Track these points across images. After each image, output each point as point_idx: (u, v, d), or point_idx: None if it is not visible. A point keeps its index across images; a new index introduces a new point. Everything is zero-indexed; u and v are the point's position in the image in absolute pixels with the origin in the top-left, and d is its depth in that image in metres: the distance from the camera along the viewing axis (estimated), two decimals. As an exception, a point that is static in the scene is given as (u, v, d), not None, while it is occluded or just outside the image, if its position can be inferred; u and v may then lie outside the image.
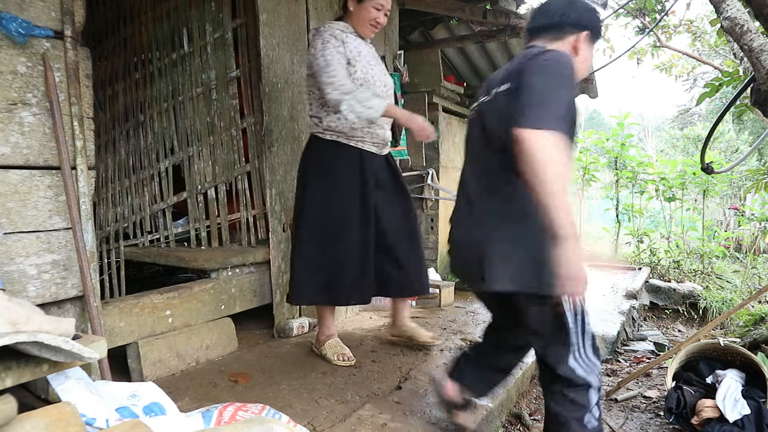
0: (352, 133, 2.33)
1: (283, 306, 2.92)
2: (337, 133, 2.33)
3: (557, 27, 1.51)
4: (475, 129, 1.58)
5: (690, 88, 12.24)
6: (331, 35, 2.24)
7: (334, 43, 2.22)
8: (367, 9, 2.29)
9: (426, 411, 1.98)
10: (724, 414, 1.94)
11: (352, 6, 2.31)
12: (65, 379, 1.32)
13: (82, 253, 1.73)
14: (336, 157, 2.34)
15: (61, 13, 1.71)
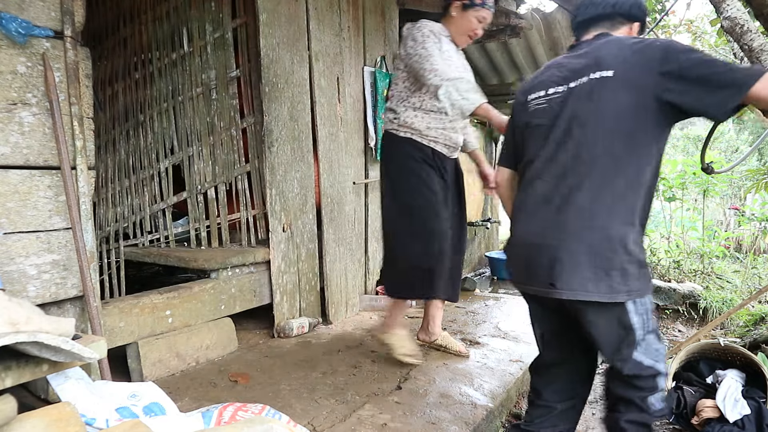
0: (427, 132, 2.32)
1: (283, 306, 2.92)
2: (411, 130, 2.32)
3: (609, 17, 1.51)
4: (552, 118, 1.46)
5: (690, 88, 12.21)
6: (431, 31, 2.26)
7: (434, 39, 2.23)
8: (470, 19, 2.30)
9: (426, 411, 1.98)
10: (724, 414, 1.94)
11: (455, 12, 2.32)
12: (65, 379, 1.32)
13: (82, 253, 1.73)
14: (410, 155, 2.33)
15: (61, 13, 1.71)
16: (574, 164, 1.37)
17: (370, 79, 3.59)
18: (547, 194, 1.42)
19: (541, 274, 1.39)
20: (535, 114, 1.52)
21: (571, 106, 1.41)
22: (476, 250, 5.54)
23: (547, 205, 1.41)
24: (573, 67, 1.46)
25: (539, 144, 1.49)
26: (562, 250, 1.34)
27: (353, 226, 3.49)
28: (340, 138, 3.32)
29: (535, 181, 1.48)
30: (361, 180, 3.58)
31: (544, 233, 1.40)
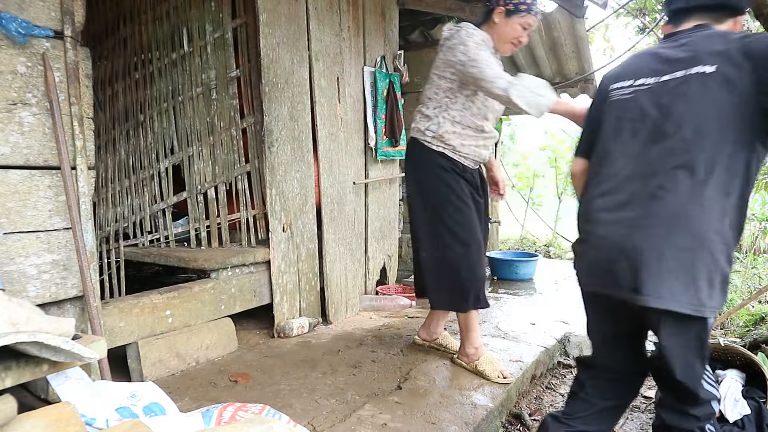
0: (460, 149, 2.26)
1: (283, 306, 2.92)
2: (445, 145, 2.27)
3: (715, 9, 1.39)
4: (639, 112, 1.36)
5: (690, 88, 12.23)
6: (482, 40, 2.16)
7: (485, 48, 2.15)
8: (514, 26, 2.18)
9: (426, 411, 1.98)
10: (724, 414, 1.94)
11: (497, 18, 2.19)
12: (65, 379, 1.32)
13: (82, 253, 1.73)
14: (442, 165, 2.27)
15: (60, 13, 1.71)
16: (665, 164, 1.28)
17: (370, 79, 3.59)
18: (634, 193, 1.32)
19: (624, 279, 1.29)
20: (618, 105, 1.42)
21: (662, 101, 1.31)
22: (476, 250, 5.53)
23: (633, 204, 1.31)
24: (668, 58, 1.34)
25: (622, 138, 1.39)
26: (650, 255, 1.25)
27: (353, 226, 3.49)
28: (340, 138, 3.32)
29: (616, 177, 1.37)
30: (361, 180, 3.58)
31: (631, 235, 1.30)
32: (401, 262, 4.51)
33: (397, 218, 4.20)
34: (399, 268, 4.24)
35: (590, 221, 1.44)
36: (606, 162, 1.43)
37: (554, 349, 2.87)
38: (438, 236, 2.29)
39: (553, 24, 4.40)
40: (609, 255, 1.34)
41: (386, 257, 3.95)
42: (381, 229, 3.85)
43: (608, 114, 1.45)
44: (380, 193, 3.83)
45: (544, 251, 6.55)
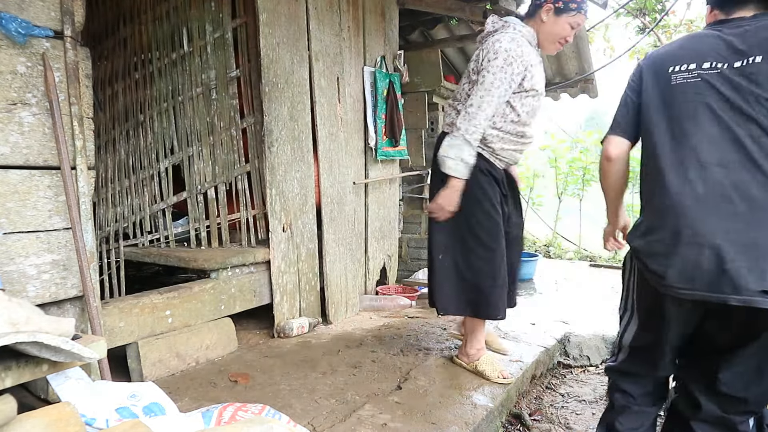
0: (499, 152, 2.21)
1: (283, 306, 2.92)
2: (485, 147, 2.18)
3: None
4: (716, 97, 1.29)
5: (690, 88, 12.23)
6: (520, 53, 2.05)
7: (516, 68, 2.05)
8: (563, 25, 2.10)
9: (426, 411, 1.98)
10: None
11: (545, 16, 2.10)
12: (65, 379, 1.32)
13: (81, 253, 1.73)
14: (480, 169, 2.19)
15: (60, 13, 1.71)
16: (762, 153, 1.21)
17: (370, 79, 3.59)
18: (737, 183, 1.22)
19: (747, 281, 1.17)
20: (685, 88, 1.34)
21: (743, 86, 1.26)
22: (476, 250, 5.53)
23: (740, 196, 1.21)
24: (737, 44, 1.29)
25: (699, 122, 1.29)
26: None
27: (353, 226, 3.49)
28: (340, 138, 3.32)
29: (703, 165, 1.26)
30: (361, 180, 3.58)
31: (747, 230, 1.19)
32: (401, 262, 4.51)
33: (397, 218, 4.20)
34: (399, 268, 4.24)
35: (679, 215, 1.28)
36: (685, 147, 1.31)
37: (554, 349, 2.88)
38: (462, 239, 2.23)
39: (553, 24, 4.39)
40: (724, 255, 1.20)
41: (386, 257, 3.95)
42: (381, 229, 3.85)
43: (672, 98, 1.36)
44: (380, 193, 3.83)
45: (544, 251, 6.56)
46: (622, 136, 1.47)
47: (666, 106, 1.37)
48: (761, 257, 1.17)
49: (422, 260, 4.62)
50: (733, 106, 1.26)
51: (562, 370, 2.87)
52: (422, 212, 4.61)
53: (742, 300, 1.18)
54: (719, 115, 1.27)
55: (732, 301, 1.19)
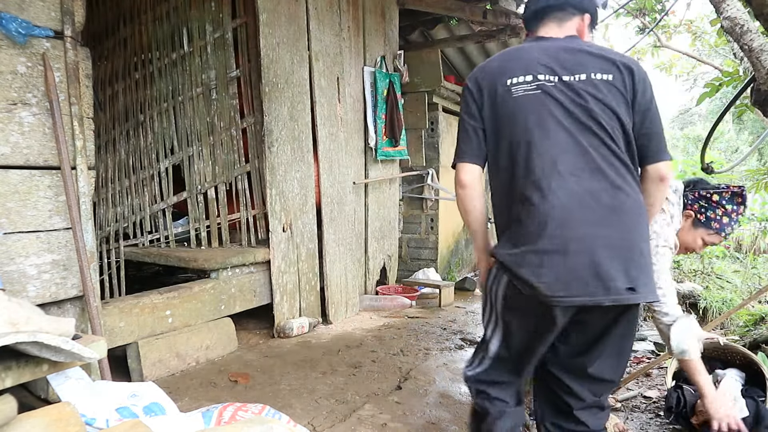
0: None
1: (283, 306, 2.92)
2: None
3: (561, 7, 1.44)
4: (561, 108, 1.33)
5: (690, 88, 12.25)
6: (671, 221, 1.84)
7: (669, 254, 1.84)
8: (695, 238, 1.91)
9: (426, 411, 1.98)
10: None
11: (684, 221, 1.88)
12: (65, 379, 1.32)
13: (82, 253, 1.73)
14: None
15: (61, 13, 1.71)
16: (604, 159, 1.29)
17: (370, 79, 3.59)
18: (591, 190, 1.27)
19: (617, 280, 1.22)
20: (526, 99, 1.36)
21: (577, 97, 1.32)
22: (476, 250, 5.53)
23: (597, 202, 1.27)
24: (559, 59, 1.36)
25: (545, 132, 1.32)
26: (629, 252, 1.26)
27: (353, 226, 3.49)
28: (340, 138, 3.32)
29: (560, 173, 1.28)
30: (361, 180, 3.58)
31: (608, 235, 1.25)
32: (401, 262, 4.51)
33: (397, 218, 4.20)
34: (399, 268, 4.24)
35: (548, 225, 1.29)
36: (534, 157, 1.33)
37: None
38: None
39: (553, 24, 4.39)
40: (595, 259, 1.24)
41: (386, 257, 3.95)
42: (381, 229, 3.85)
43: (515, 109, 1.37)
44: (380, 193, 3.83)
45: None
46: (472, 162, 1.46)
47: (512, 120, 1.38)
48: (622, 257, 1.25)
49: (422, 260, 4.62)
50: (572, 116, 1.32)
51: (562, 370, 2.87)
52: (422, 212, 4.61)
53: (614, 299, 1.25)
54: (565, 125, 1.32)
55: (606, 302, 1.25)
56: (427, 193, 4.52)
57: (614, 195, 1.28)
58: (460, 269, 5.04)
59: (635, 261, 1.25)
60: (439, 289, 3.75)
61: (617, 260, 1.24)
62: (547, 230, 1.27)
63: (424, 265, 4.52)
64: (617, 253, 1.24)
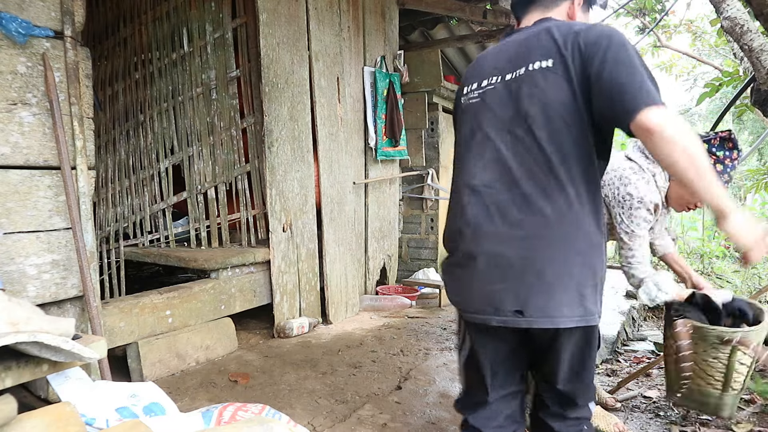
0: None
1: (283, 306, 2.92)
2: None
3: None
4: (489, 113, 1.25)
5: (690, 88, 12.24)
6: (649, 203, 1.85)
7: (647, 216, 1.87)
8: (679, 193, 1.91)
9: (426, 411, 1.98)
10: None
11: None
12: (65, 379, 1.32)
13: (82, 253, 1.73)
14: None
15: (61, 13, 1.71)
16: (526, 168, 1.16)
17: (370, 79, 3.59)
18: (498, 204, 1.19)
19: (505, 302, 1.16)
20: (468, 110, 1.32)
21: (509, 101, 1.21)
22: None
23: (503, 217, 1.18)
24: (509, 56, 1.25)
25: (473, 143, 1.27)
26: (522, 273, 1.15)
27: (353, 226, 3.49)
28: (340, 138, 3.32)
29: (474, 188, 1.24)
30: (361, 180, 3.58)
31: (505, 252, 1.17)
32: (401, 262, 4.51)
33: (397, 218, 4.20)
34: (399, 268, 4.24)
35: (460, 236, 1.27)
36: (461, 171, 1.31)
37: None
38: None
39: (553, 24, 4.40)
40: (487, 276, 1.19)
41: (386, 257, 3.95)
42: (381, 229, 3.85)
43: (461, 122, 1.35)
44: (380, 193, 3.83)
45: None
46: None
47: (457, 134, 1.37)
48: (515, 278, 1.15)
49: (422, 260, 4.63)
50: (499, 123, 1.22)
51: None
52: (422, 212, 4.61)
53: (501, 320, 1.18)
54: (490, 135, 1.23)
55: (492, 321, 1.19)
56: (427, 193, 4.52)
57: (527, 209, 1.15)
58: (460, 269, 5.03)
59: (527, 282, 1.14)
60: (439, 289, 3.75)
61: (509, 281, 1.16)
62: (461, 245, 1.27)
63: (424, 265, 4.52)
64: (510, 273, 1.16)
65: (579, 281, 1.15)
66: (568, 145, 1.15)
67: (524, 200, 1.16)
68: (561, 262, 1.14)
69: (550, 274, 1.14)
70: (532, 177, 1.16)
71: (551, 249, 1.14)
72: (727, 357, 1.94)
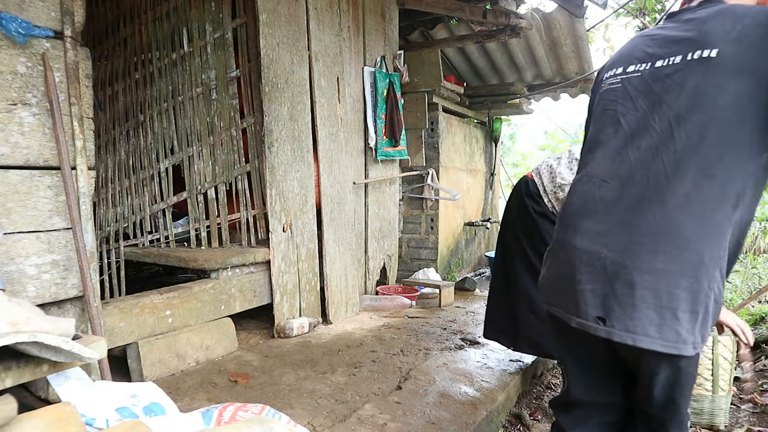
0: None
1: (283, 306, 2.92)
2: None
3: None
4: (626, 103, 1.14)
5: (690, 88, 12.25)
6: None
7: None
8: None
9: (426, 411, 1.98)
10: None
11: None
12: (65, 379, 1.32)
13: (82, 253, 1.73)
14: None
15: (61, 13, 1.71)
16: (649, 168, 1.05)
17: (370, 79, 3.59)
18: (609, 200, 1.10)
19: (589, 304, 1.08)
20: (606, 95, 1.21)
21: (654, 91, 1.09)
22: (476, 250, 5.54)
23: (603, 214, 1.10)
24: (666, 40, 1.11)
25: (605, 133, 1.18)
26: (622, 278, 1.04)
27: (353, 226, 3.49)
28: (340, 138, 3.32)
29: (591, 178, 1.16)
30: (361, 180, 3.58)
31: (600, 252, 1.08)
32: (401, 262, 4.51)
33: (397, 218, 4.20)
34: (399, 268, 4.24)
35: (561, 226, 1.23)
36: (588, 161, 1.23)
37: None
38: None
39: (553, 24, 4.40)
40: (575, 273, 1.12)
41: (386, 257, 3.95)
42: (381, 229, 3.85)
43: (596, 107, 1.26)
44: (380, 193, 3.83)
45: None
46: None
47: (593, 118, 1.28)
48: (607, 281, 1.06)
49: (422, 260, 4.63)
50: (634, 114, 1.12)
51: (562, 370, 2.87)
52: (422, 212, 4.61)
53: (580, 323, 1.10)
54: (622, 126, 1.14)
55: (572, 321, 1.12)
56: (427, 193, 4.52)
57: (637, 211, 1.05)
58: (460, 269, 5.04)
59: (618, 292, 1.04)
60: (439, 289, 3.75)
61: (598, 282, 1.08)
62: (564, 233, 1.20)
63: (424, 265, 4.53)
64: (602, 276, 1.07)
65: (677, 301, 1.01)
66: (713, 148, 1.00)
67: (637, 201, 1.06)
68: (661, 276, 1.01)
69: (644, 286, 1.02)
70: (655, 178, 1.05)
71: (653, 260, 1.02)
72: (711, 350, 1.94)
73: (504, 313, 2.42)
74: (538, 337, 2.26)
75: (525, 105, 5.43)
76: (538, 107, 5.89)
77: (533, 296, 2.26)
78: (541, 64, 5.11)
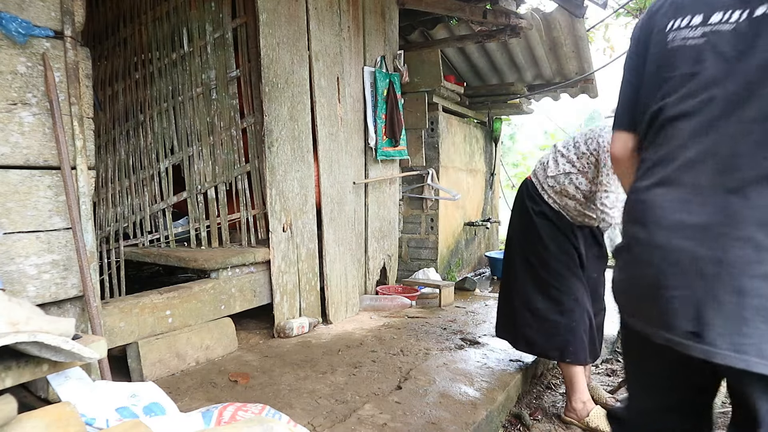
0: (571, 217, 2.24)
1: (283, 306, 2.92)
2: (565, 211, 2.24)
3: None
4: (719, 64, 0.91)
5: (690, 88, 12.26)
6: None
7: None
8: None
9: (426, 411, 1.98)
10: None
11: None
12: (65, 379, 1.32)
13: (82, 253, 1.73)
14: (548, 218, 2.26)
15: (61, 13, 1.71)
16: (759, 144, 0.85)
17: (370, 79, 3.59)
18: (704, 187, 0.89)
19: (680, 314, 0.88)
20: (682, 52, 0.96)
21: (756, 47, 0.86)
22: (476, 250, 5.53)
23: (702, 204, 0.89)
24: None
25: (689, 103, 0.94)
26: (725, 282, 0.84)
27: (353, 226, 3.49)
28: (340, 138, 3.32)
29: (677, 161, 0.94)
30: (361, 180, 3.58)
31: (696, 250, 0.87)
32: (401, 262, 4.51)
33: (397, 218, 4.20)
34: (399, 268, 4.24)
35: (638, 222, 0.99)
36: (664, 138, 0.98)
37: (554, 349, 2.87)
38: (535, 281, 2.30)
39: (553, 24, 4.40)
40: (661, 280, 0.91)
41: (386, 257, 3.95)
42: (381, 229, 3.85)
43: (667, 67, 1.00)
44: (380, 193, 3.83)
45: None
46: (626, 130, 1.13)
47: (658, 81, 1.03)
48: (703, 291, 0.86)
49: (422, 260, 4.63)
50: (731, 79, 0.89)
51: (562, 370, 2.87)
52: (422, 212, 4.61)
53: (666, 339, 0.92)
54: (712, 95, 0.92)
55: (656, 337, 0.94)
56: (427, 193, 4.52)
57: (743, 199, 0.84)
58: (460, 269, 5.04)
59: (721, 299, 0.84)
60: (439, 289, 3.75)
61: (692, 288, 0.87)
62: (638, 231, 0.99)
63: (424, 265, 4.53)
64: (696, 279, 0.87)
65: None
66: None
67: (741, 187, 0.85)
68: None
69: (755, 293, 0.82)
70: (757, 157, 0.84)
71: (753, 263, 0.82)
72: None
73: (506, 312, 2.44)
74: (534, 336, 2.26)
75: (525, 105, 5.43)
76: (538, 107, 5.89)
77: (530, 295, 2.28)
78: (541, 64, 5.11)
